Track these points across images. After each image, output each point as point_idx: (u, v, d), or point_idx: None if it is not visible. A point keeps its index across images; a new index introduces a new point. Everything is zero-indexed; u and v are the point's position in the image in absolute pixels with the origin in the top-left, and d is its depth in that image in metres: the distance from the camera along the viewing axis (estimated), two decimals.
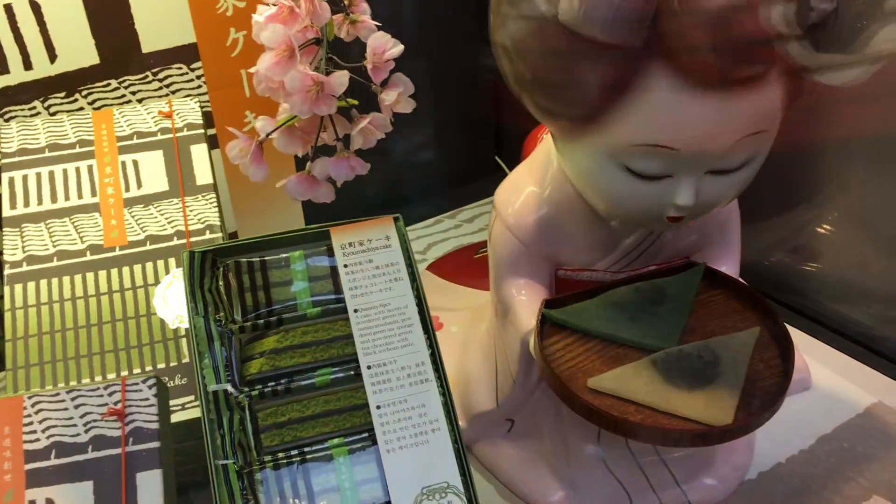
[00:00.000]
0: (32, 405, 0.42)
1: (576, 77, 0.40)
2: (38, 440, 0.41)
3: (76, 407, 0.42)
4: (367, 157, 0.53)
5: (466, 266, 0.78)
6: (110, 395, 0.42)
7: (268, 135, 0.48)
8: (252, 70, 0.48)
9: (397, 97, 0.47)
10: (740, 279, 0.52)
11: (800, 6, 0.37)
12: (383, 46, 0.47)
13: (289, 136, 0.48)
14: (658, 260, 0.52)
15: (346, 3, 0.56)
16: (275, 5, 0.51)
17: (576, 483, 0.54)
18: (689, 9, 0.36)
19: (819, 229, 0.73)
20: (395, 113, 0.50)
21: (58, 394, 0.42)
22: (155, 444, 0.42)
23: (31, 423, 0.41)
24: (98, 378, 0.51)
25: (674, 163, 0.41)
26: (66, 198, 0.59)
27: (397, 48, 0.47)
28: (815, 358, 0.65)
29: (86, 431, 0.41)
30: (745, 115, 0.40)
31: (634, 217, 0.46)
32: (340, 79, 0.45)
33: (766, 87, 0.39)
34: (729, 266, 0.54)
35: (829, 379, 0.63)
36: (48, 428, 0.41)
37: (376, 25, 0.55)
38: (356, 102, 0.49)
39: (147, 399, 0.42)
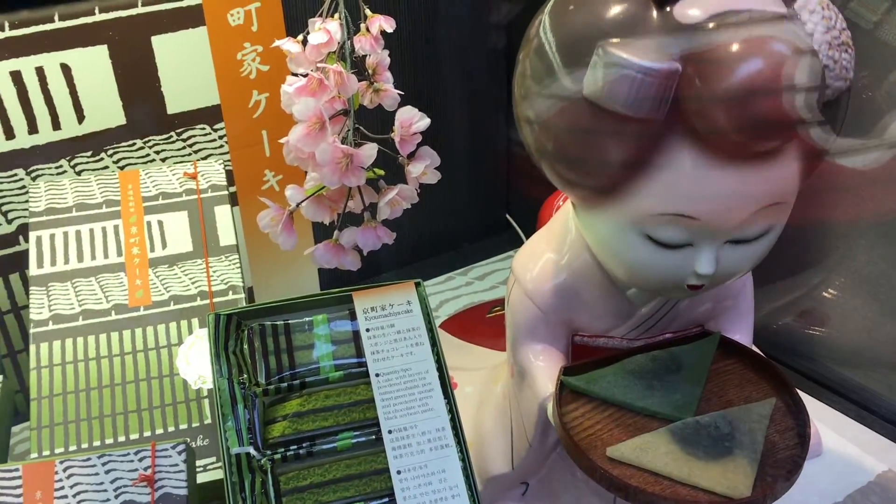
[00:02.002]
0: (64, 469, 0.42)
1: (599, 151, 0.41)
2: None
3: (106, 472, 0.42)
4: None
5: (479, 325, 0.78)
6: (140, 460, 0.43)
7: (298, 204, 0.49)
8: (282, 140, 0.49)
9: (424, 170, 0.49)
10: (754, 348, 0.53)
11: (815, 86, 0.39)
12: (410, 120, 0.49)
13: (317, 204, 0.50)
14: (673, 328, 0.53)
15: (369, 72, 0.58)
16: (304, 76, 0.52)
17: None
18: (710, 88, 0.38)
19: (826, 294, 0.74)
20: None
21: (89, 458, 0.42)
22: None
23: (62, 488, 0.42)
24: (122, 438, 0.52)
25: (695, 232, 0.42)
26: (93, 257, 0.60)
27: (424, 121, 0.49)
28: (824, 423, 0.66)
29: (116, 497, 0.42)
30: (763, 188, 0.41)
31: (654, 285, 0.47)
32: (369, 151, 0.47)
33: (784, 162, 0.41)
34: (742, 334, 0.55)
35: (838, 445, 0.64)
36: (79, 493, 0.42)
37: (398, 94, 0.57)
38: (383, 173, 0.51)
39: (176, 465, 0.43)
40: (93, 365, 0.55)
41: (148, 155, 0.71)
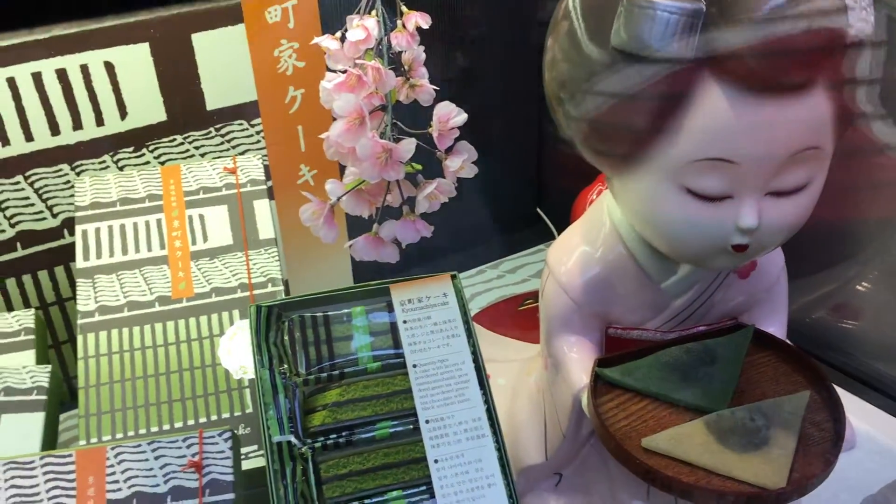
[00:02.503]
0: (115, 455, 0.44)
1: (632, 105, 0.42)
2: (119, 490, 0.43)
3: (156, 458, 0.44)
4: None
5: (512, 317, 0.79)
6: (188, 446, 0.44)
7: (339, 198, 0.50)
8: (322, 136, 0.50)
9: (461, 164, 0.50)
10: (788, 341, 0.54)
11: (838, 16, 0.40)
12: (448, 115, 0.50)
13: (357, 198, 0.51)
14: (707, 321, 0.54)
15: (405, 67, 0.59)
16: (342, 73, 0.53)
17: None
18: (735, 20, 0.39)
19: (860, 287, 0.74)
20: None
21: (139, 445, 0.44)
22: (230, 496, 0.44)
23: (113, 473, 0.43)
24: (166, 426, 0.54)
25: (734, 180, 0.42)
26: (137, 250, 0.62)
27: (461, 116, 0.50)
28: (858, 417, 0.65)
29: (165, 482, 0.43)
30: (797, 125, 0.41)
31: (697, 250, 0.46)
32: (408, 146, 0.48)
33: (815, 99, 0.41)
34: (776, 327, 0.55)
35: (873, 439, 0.64)
36: (130, 478, 0.43)
37: (434, 89, 0.58)
38: (421, 167, 0.51)
39: (223, 451, 0.44)
40: (138, 355, 0.57)
41: (187, 150, 0.73)
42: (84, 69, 0.67)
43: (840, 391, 0.49)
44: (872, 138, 0.64)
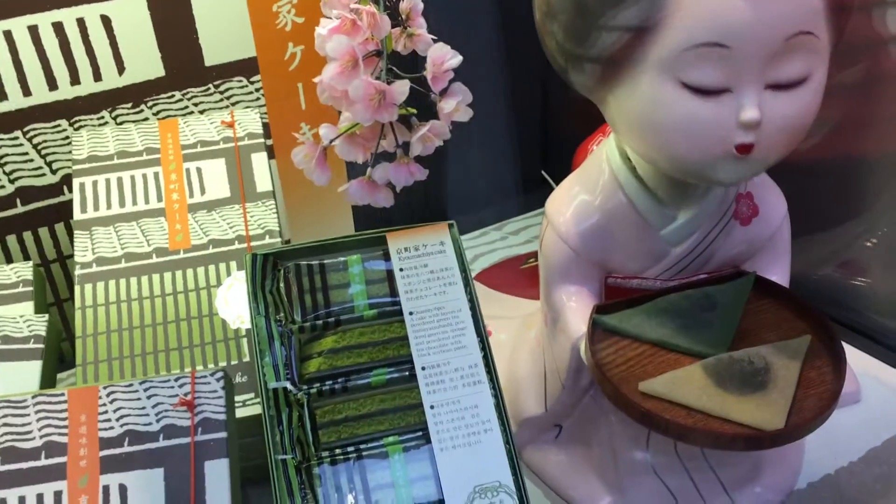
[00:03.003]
0: (107, 395, 0.44)
1: None
2: (112, 428, 0.43)
3: (148, 397, 0.44)
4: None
5: (514, 276, 0.79)
6: (181, 386, 0.44)
7: (331, 141, 0.50)
8: (316, 80, 0.50)
9: (456, 106, 0.49)
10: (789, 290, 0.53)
11: None
12: (443, 57, 0.49)
13: (350, 142, 0.50)
14: (708, 269, 0.53)
15: (403, 17, 0.58)
16: (337, 18, 0.53)
17: (623, 489, 0.55)
18: None
19: (868, 244, 0.73)
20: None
21: (131, 384, 0.44)
22: (222, 435, 0.43)
23: (105, 412, 0.43)
24: (164, 374, 0.54)
25: (730, 69, 0.42)
26: (134, 202, 0.61)
27: (456, 59, 0.49)
28: (865, 372, 0.65)
29: (157, 421, 0.43)
30: (788, 5, 0.41)
31: (700, 153, 0.44)
32: (401, 87, 0.47)
33: None
34: (779, 276, 0.54)
35: (878, 392, 0.63)
36: (122, 417, 0.43)
37: (432, 39, 0.57)
38: (415, 111, 0.51)
39: (215, 391, 0.44)
40: (135, 305, 0.57)
41: (186, 107, 0.72)
42: (80, 23, 0.67)
43: (847, 347, 0.48)
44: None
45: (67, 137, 0.69)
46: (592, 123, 0.69)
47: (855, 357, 0.67)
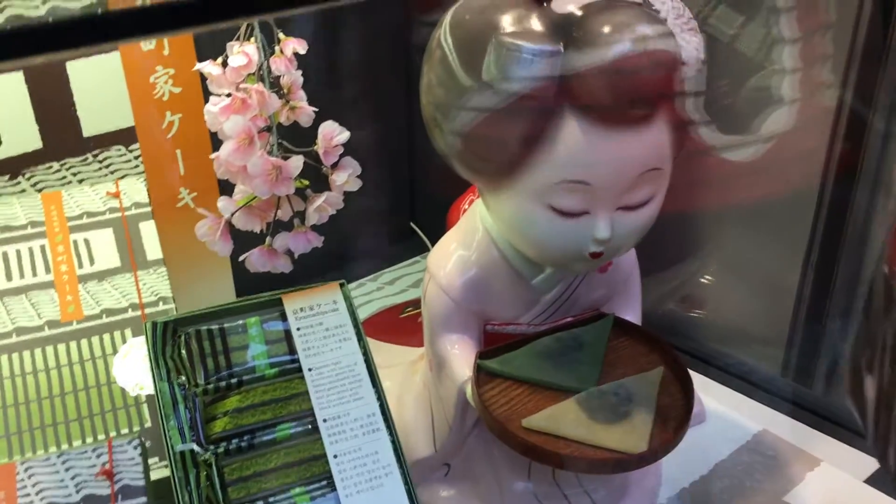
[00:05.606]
0: (25, 470, 0.45)
1: (501, 131, 0.47)
2: (32, 503, 0.44)
3: (66, 470, 0.45)
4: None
5: (394, 325, 0.83)
6: (98, 456, 0.45)
7: (232, 214, 0.53)
8: (212, 156, 0.53)
9: (347, 178, 0.54)
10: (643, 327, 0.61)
11: (674, 61, 0.47)
12: (332, 133, 0.54)
13: (249, 214, 0.54)
14: (573, 312, 0.60)
15: (285, 91, 0.62)
16: (227, 96, 0.56)
17: None
18: (587, 66, 0.45)
19: (702, 280, 0.83)
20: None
21: (48, 458, 0.45)
22: (142, 500, 0.45)
23: (24, 488, 0.44)
24: (65, 446, 0.54)
25: (590, 198, 0.49)
26: (21, 276, 0.62)
27: (344, 134, 0.54)
28: (707, 394, 0.74)
29: (77, 492, 0.44)
30: (643, 151, 0.48)
31: (560, 256, 0.52)
32: (296, 162, 0.51)
33: (657, 128, 0.48)
34: (633, 315, 0.62)
35: (720, 412, 0.72)
36: (41, 491, 0.44)
37: (313, 110, 0.62)
38: (308, 183, 0.55)
39: (133, 458, 0.46)
40: (30, 378, 0.57)
41: (65, 177, 0.73)
42: None
43: (692, 373, 0.56)
44: (701, 144, 0.73)
45: None
46: (456, 180, 0.75)
47: (697, 380, 0.75)
